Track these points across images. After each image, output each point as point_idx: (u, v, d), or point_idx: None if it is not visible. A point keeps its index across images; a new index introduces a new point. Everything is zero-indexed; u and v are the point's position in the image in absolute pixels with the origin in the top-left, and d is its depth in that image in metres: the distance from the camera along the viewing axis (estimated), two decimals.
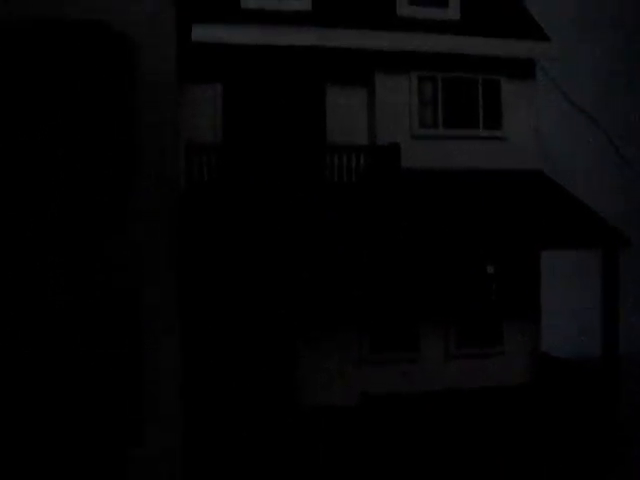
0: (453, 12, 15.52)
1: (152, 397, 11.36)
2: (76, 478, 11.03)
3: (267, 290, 14.22)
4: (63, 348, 10.96)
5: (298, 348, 14.40)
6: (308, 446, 12.73)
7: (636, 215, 22.62)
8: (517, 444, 13.48)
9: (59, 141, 10.89)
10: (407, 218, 13.79)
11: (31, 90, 10.73)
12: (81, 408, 11.05)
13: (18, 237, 10.80)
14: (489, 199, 14.71)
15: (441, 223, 13.76)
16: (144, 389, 11.31)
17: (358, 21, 14.72)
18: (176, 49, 11.51)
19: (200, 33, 13.31)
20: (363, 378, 14.77)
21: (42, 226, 10.87)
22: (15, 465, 10.81)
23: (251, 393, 14.11)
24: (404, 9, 15.24)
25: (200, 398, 13.44)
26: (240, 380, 14.10)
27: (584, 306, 21.01)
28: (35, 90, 10.75)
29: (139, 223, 11.24)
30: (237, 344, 14.11)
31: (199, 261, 13.20)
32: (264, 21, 13.90)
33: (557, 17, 19.36)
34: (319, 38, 14.06)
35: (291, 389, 14.34)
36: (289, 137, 14.69)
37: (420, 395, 14.48)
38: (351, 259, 14.49)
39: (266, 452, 12.53)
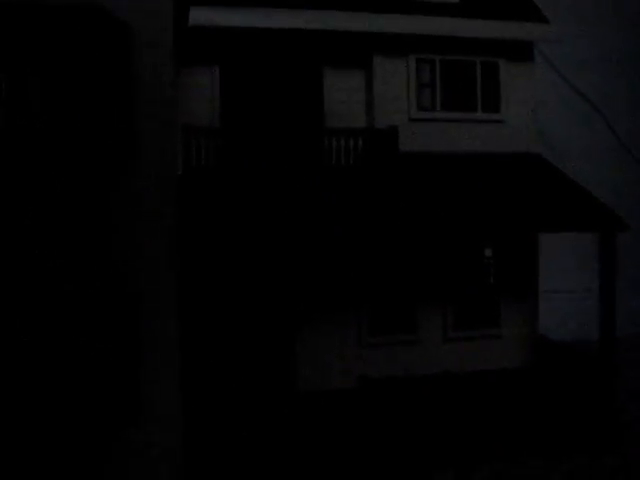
0: None
1: (151, 396, 11.40)
2: (72, 467, 11.09)
3: (265, 275, 14.24)
4: (61, 342, 10.97)
5: (297, 333, 14.43)
6: (308, 431, 12.79)
7: (634, 198, 22.66)
8: (515, 426, 13.56)
9: (55, 128, 10.87)
10: (405, 201, 13.79)
11: (24, 77, 10.69)
12: (77, 400, 11.07)
13: (15, 231, 10.79)
14: (487, 182, 14.71)
15: (439, 206, 13.75)
16: (142, 388, 11.34)
17: (356, 3, 14.63)
18: (173, 33, 11.46)
19: (197, 16, 13.25)
20: (362, 361, 14.81)
21: (39, 217, 10.87)
22: (10, 457, 10.86)
23: (250, 379, 14.15)
24: None
25: (199, 387, 13.47)
26: (239, 366, 14.14)
27: (583, 289, 21.14)
28: (28, 77, 10.71)
29: (136, 212, 11.25)
30: (235, 329, 14.14)
31: (197, 246, 13.19)
32: (261, 3, 13.82)
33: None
34: (317, 21, 13.99)
35: (290, 374, 14.38)
36: (287, 120, 14.64)
37: (418, 378, 14.53)
38: (349, 242, 14.50)
39: (266, 439, 12.59)
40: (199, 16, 13.32)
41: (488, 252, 15.49)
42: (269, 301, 14.29)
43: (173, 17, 11.48)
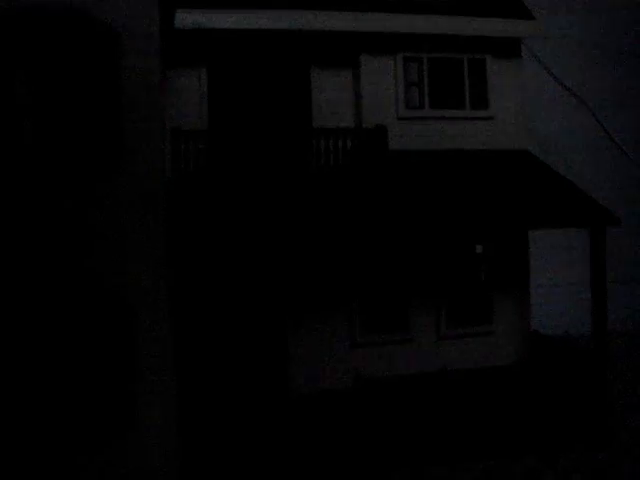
0: None
1: (145, 397, 11.37)
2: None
3: (257, 276, 14.22)
4: (54, 339, 10.95)
5: (289, 333, 14.41)
6: (303, 431, 12.79)
7: (623, 192, 22.75)
8: (508, 423, 13.58)
9: (43, 130, 10.83)
10: (395, 200, 13.79)
11: (11, 77, 10.65)
12: (74, 398, 11.05)
13: (5, 236, 10.76)
14: (477, 179, 14.73)
15: (429, 204, 13.76)
16: (137, 390, 11.31)
17: (343, 3, 14.61)
18: (159, 35, 11.43)
19: (182, 19, 13.20)
20: (356, 361, 14.80)
21: (27, 214, 10.84)
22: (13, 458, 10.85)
23: (243, 380, 14.13)
24: None
25: (193, 389, 13.45)
26: (232, 367, 14.12)
27: (575, 284, 21.21)
28: (15, 78, 10.66)
29: (125, 212, 11.21)
30: (228, 331, 14.12)
31: (188, 249, 13.16)
32: (247, 5, 13.79)
33: None
34: (302, 21, 13.97)
35: (283, 375, 14.37)
36: (275, 121, 14.62)
37: (413, 376, 14.53)
38: (340, 242, 14.48)
39: (260, 439, 12.58)
40: (185, 19, 13.27)
41: (479, 249, 15.52)
42: (261, 302, 14.27)
43: (159, 20, 11.45)
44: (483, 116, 15.63)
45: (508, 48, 15.79)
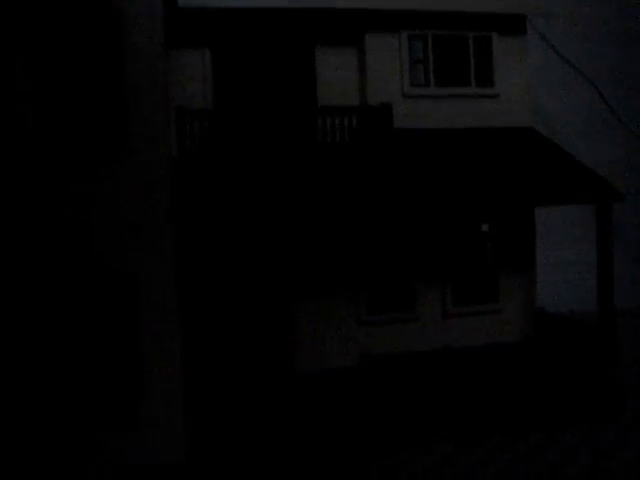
0: None
1: (152, 380, 11.45)
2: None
3: (262, 255, 14.24)
4: (56, 323, 10.99)
5: (295, 313, 14.46)
6: (311, 410, 12.85)
7: (628, 169, 22.67)
8: (516, 399, 13.63)
9: (46, 113, 10.82)
10: (401, 178, 13.77)
11: (12, 58, 10.65)
12: (79, 390, 11.11)
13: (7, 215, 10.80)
14: (482, 157, 14.68)
15: (435, 182, 13.73)
16: (144, 376, 11.37)
17: None
18: (163, 15, 11.40)
19: None
20: (362, 339, 14.86)
21: (32, 196, 10.86)
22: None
23: (250, 361, 14.19)
24: None
25: (199, 369, 13.51)
26: (238, 349, 14.17)
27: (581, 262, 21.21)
28: (16, 58, 10.65)
29: (130, 194, 11.22)
30: (233, 312, 14.16)
31: (193, 229, 13.18)
32: None
33: None
34: None
35: (290, 354, 14.43)
36: (280, 100, 14.59)
37: (419, 354, 14.57)
38: (346, 221, 14.49)
39: (269, 420, 12.65)
40: None
41: (485, 227, 15.50)
42: (267, 281, 14.30)
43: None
44: (489, 94, 15.56)
45: (513, 25, 15.68)
